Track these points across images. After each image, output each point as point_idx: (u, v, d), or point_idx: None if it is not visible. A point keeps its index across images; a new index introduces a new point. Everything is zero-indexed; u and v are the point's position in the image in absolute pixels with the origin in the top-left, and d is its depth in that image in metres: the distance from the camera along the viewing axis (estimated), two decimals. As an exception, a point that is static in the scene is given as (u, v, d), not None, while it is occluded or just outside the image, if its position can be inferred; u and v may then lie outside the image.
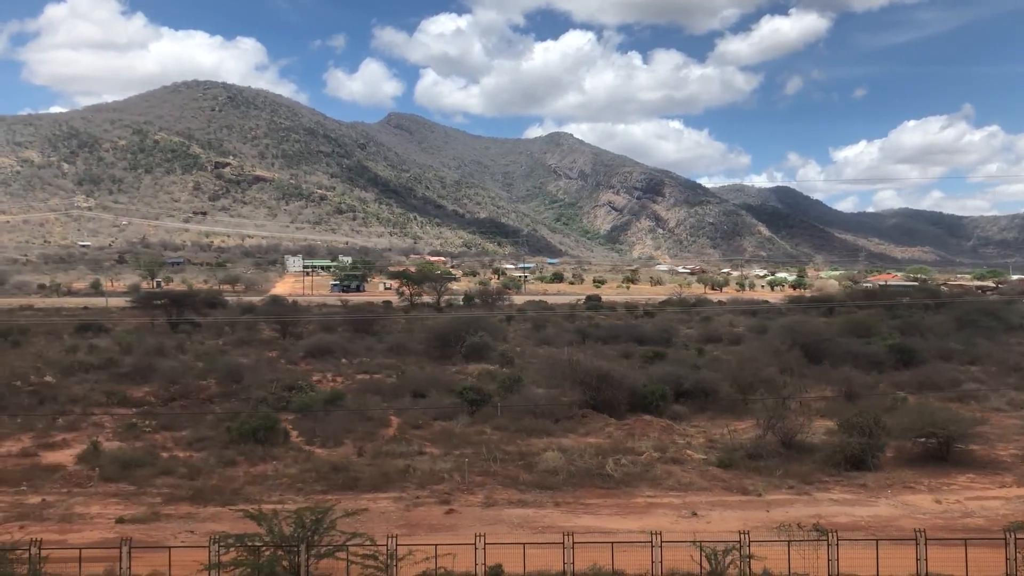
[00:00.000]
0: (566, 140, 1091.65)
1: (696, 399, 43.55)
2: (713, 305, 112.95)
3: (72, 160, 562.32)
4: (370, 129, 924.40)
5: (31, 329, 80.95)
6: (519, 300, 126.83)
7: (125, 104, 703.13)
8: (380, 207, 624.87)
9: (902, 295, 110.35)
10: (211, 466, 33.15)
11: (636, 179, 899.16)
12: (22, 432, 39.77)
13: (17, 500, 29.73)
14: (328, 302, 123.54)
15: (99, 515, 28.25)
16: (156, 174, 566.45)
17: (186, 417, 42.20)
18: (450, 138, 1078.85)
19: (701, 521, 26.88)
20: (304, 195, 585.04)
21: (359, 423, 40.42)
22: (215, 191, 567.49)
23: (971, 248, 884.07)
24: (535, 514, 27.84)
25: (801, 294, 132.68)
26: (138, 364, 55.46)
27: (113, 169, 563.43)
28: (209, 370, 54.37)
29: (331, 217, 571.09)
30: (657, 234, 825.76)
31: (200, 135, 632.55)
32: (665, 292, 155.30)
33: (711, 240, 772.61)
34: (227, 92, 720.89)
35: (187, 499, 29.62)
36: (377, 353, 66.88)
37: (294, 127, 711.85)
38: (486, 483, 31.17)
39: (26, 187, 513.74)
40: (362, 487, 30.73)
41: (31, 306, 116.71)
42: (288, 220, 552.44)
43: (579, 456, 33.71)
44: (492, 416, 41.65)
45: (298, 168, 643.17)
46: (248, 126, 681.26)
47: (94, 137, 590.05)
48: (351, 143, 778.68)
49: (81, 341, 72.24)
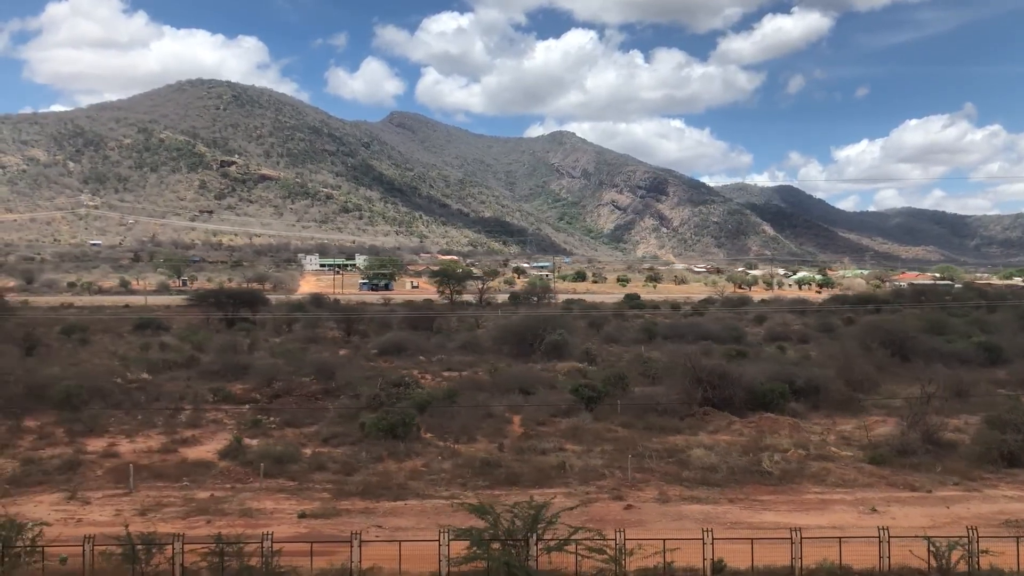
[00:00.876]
0: (568, 139, 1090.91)
1: (809, 397, 43.64)
2: (769, 304, 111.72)
3: (78, 159, 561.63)
4: (373, 128, 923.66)
5: (90, 327, 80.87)
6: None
7: (130, 103, 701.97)
8: (386, 206, 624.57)
9: (946, 295, 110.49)
10: (363, 462, 33.23)
11: (639, 178, 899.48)
12: (147, 429, 39.82)
13: (186, 495, 29.79)
14: (367, 300, 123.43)
15: (276, 510, 28.33)
16: (161, 173, 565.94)
17: (303, 413, 42.29)
18: (452, 137, 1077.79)
19: (884, 517, 26.97)
20: (310, 194, 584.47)
21: (480, 420, 40.50)
22: (221, 190, 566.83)
23: (974, 247, 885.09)
24: (714, 510, 27.94)
25: (844, 293, 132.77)
26: (226, 362, 55.49)
27: (119, 168, 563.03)
28: (298, 368, 54.42)
29: (337, 216, 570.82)
30: (661, 233, 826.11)
31: (205, 134, 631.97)
32: (698, 291, 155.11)
33: (715, 239, 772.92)
34: (232, 91, 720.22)
35: (356, 494, 29.69)
36: (450, 351, 66.94)
37: (299, 126, 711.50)
38: (647, 480, 31.27)
39: (32, 186, 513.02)
40: (524, 483, 30.79)
41: (71, 304, 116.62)
42: (294, 219, 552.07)
43: (726, 453, 33.83)
44: (609, 413, 41.75)
45: (303, 167, 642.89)
46: (253, 125, 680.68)
47: (99, 136, 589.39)
48: (355, 142, 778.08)
49: (150, 339, 72.27)
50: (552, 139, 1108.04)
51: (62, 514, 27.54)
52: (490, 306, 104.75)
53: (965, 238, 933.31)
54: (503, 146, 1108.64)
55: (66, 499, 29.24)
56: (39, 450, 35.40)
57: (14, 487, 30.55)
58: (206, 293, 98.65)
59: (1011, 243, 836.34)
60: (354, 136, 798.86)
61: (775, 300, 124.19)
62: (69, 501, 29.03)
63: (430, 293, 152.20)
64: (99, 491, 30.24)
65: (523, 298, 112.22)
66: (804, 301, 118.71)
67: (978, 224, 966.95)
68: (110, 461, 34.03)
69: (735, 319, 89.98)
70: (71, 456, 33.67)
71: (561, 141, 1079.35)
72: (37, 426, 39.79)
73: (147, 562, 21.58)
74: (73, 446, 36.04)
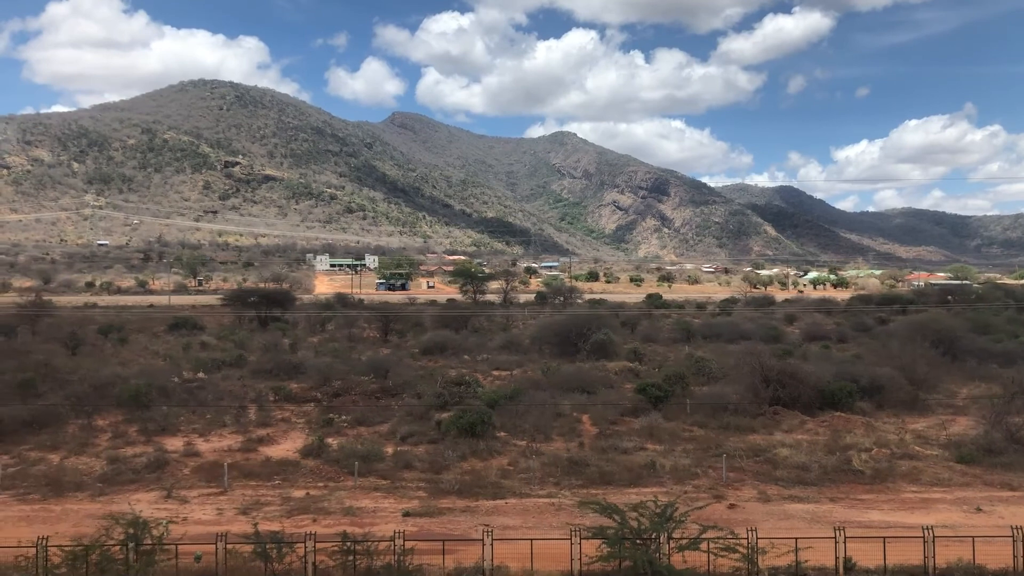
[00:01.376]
0: (570, 139, 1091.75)
1: (872, 396, 43.56)
2: (794, 304, 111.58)
3: (82, 159, 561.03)
4: (375, 128, 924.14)
5: (125, 326, 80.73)
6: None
7: (132, 103, 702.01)
8: (389, 207, 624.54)
9: (972, 295, 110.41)
10: (449, 460, 33.13)
11: (641, 179, 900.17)
12: (217, 428, 39.72)
13: (281, 494, 29.71)
14: (390, 300, 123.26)
15: (378, 508, 28.24)
16: (166, 173, 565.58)
17: (371, 411, 42.19)
18: (454, 137, 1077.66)
19: (991, 516, 26.94)
20: (314, 194, 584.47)
21: (549, 418, 40.36)
22: (225, 190, 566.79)
23: (975, 248, 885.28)
24: (818, 509, 27.87)
25: (868, 294, 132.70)
26: (277, 361, 55.42)
27: (123, 168, 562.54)
28: (351, 367, 54.30)
29: (341, 216, 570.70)
30: (663, 233, 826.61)
31: (208, 134, 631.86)
32: (714, 291, 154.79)
33: (717, 240, 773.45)
34: (235, 91, 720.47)
35: (452, 493, 29.61)
36: (492, 350, 66.83)
37: (302, 126, 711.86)
38: (741, 479, 31.19)
39: (37, 186, 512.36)
40: (618, 482, 30.73)
41: (94, 304, 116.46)
42: (298, 219, 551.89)
43: (810, 452, 33.79)
44: (678, 412, 41.66)
45: (307, 167, 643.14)
46: (256, 125, 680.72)
47: (103, 136, 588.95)
48: (357, 142, 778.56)
49: (189, 338, 72.17)
50: (553, 139, 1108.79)
51: (164, 512, 27.40)
52: (513, 306, 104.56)
53: (965, 238, 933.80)
54: (504, 146, 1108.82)
55: (163, 497, 29.19)
56: (118, 449, 35.30)
57: (107, 485, 30.48)
58: (239, 293, 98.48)
59: (1011, 243, 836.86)
60: (356, 136, 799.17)
61: (798, 300, 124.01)
62: (167, 499, 28.99)
63: (446, 293, 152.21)
64: (194, 489, 30.18)
65: (549, 298, 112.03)
66: (829, 301, 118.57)
67: (978, 224, 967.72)
68: (193, 460, 33.96)
69: (764, 318, 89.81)
70: (157, 455, 33.54)
71: (562, 142, 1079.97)
72: (107, 424, 39.73)
73: (280, 560, 21.51)
74: (151, 445, 35.94)
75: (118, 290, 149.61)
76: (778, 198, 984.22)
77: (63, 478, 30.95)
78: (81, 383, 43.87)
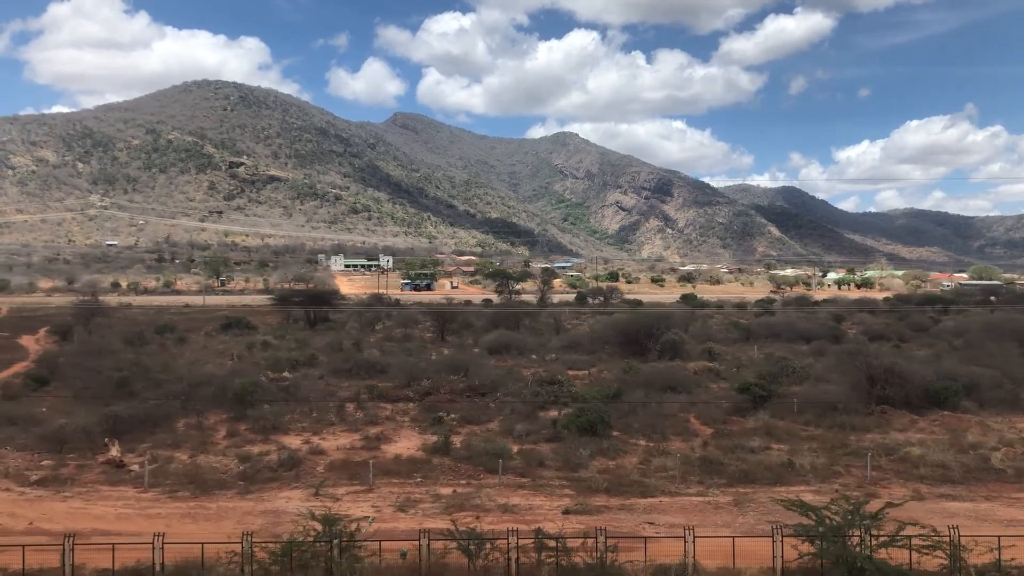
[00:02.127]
0: (572, 140, 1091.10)
1: (972, 394, 43.47)
2: (835, 304, 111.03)
3: (86, 159, 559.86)
4: (377, 129, 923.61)
5: (176, 326, 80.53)
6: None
7: (136, 103, 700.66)
8: (394, 207, 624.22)
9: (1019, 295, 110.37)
10: (582, 458, 32.98)
11: (644, 179, 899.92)
12: (327, 426, 39.53)
13: (429, 491, 29.55)
14: (422, 300, 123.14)
15: (532, 506, 28.09)
16: (171, 173, 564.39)
17: (476, 410, 42.06)
18: (456, 138, 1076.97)
19: None
20: (319, 195, 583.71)
21: (656, 418, 40.23)
22: (230, 191, 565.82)
23: (977, 248, 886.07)
24: (977, 508, 27.76)
25: (907, 294, 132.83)
26: (357, 360, 55.30)
27: (127, 168, 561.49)
28: (429, 366, 54.11)
29: (346, 217, 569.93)
30: (666, 234, 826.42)
31: (213, 134, 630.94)
32: (738, 291, 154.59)
33: (721, 240, 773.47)
34: (239, 92, 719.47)
35: (601, 491, 29.45)
36: (556, 350, 66.65)
37: (306, 127, 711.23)
38: (883, 477, 31.08)
39: (42, 186, 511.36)
40: (762, 481, 30.60)
41: (130, 304, 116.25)
42: (304, 220, 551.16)
43: (941, 451, 33.67)
44: (784, 412, 41.54)
45: (311, 168, 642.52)
46: (260, 126, 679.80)
47: (107, 137, 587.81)
48: (361, 143, 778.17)
49: (247, 338, 72.00)
50: (555, 140, 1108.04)
51: (322, 511, 27.22)
52: (568, 306, 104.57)
53: (968, 239, 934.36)
54: (506, 147, 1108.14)
55: (312, 495, 28.98)
56: (240, 447, 35.09)
57: (249, 483, 30.31)
58: (286, 293, 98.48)
59: (1015, 244, 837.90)
60: (359, 137, 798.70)
61: (836, 300, 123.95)
62: (317, 497, 28.77)
63: (470, 293, 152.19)
64: (339, 487, 30.03)
65: (589, 298, 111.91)
66: (867, 301, 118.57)
67: (981, 225, 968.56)
68: (321, 458, 33.80)
69: (816, 318, 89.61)
70: (288, 453, 33.34)
71: (564, 142, 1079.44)
72: (215, 423, 39.54)
73: (483, 557, 21.34)
74: (270, 443, 35.75)
75: (145, 290, 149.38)
76: (780, 199, 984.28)
77: (204, 476, 30.79)
78: (178, 382, 43.68)
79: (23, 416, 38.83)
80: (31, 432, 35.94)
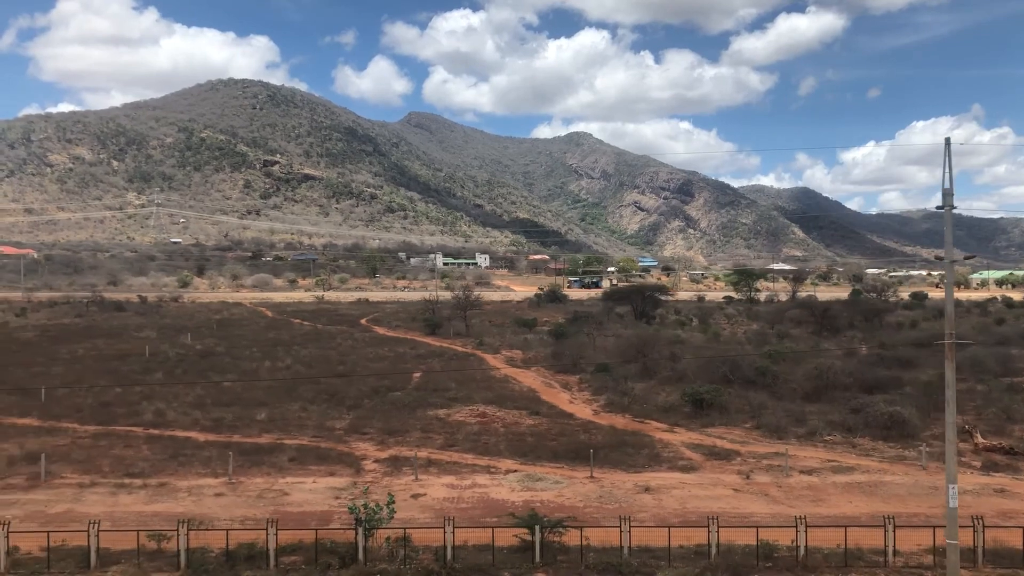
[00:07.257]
0: (586, 140, 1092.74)
1: None
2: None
3: (121, 157, 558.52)
4: (395, 128, 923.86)
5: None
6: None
7: (164, 102, 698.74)
8: (428, 206, 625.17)
9: None
10: None
11: (664, 179, 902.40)
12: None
13: None
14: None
15: None
16: (205, 172, 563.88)
17: None
18: (469, 137, 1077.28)
19: None
20: (354, 193, 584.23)
21: None
22: (265, 189, 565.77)
23: (993, 249, 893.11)
24: None
25: None
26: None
27: (162, 167, 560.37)
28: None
29: (383, 216, 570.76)
30: (688, 234, 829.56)
31: (244, 133, 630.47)
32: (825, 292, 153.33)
33: (745, 241, 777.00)
34: (267, 91, 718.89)
35: None
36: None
37: (335, 126, 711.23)
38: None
39: (80, 184, 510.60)
40: None
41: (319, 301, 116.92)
42: (340, 218, 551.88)
43: None
44: None
45: (343, 167, 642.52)
46: (290, 124, 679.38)
47: (140, 135, 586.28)
48: (385, 142, 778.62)
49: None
50: (569, 140, 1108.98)
51: None
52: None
53: (983, 240, 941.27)
54: (519, 147, 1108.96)
55: None
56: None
57: None
58: (617, 290, 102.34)
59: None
60: (383, 136, 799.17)
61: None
62: None
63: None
64: None
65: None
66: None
67: (995, 227, 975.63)
68: None
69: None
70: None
71: (578, 142, 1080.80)
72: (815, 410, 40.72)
73: None
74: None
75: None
76: (795, 200, 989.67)
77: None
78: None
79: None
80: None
